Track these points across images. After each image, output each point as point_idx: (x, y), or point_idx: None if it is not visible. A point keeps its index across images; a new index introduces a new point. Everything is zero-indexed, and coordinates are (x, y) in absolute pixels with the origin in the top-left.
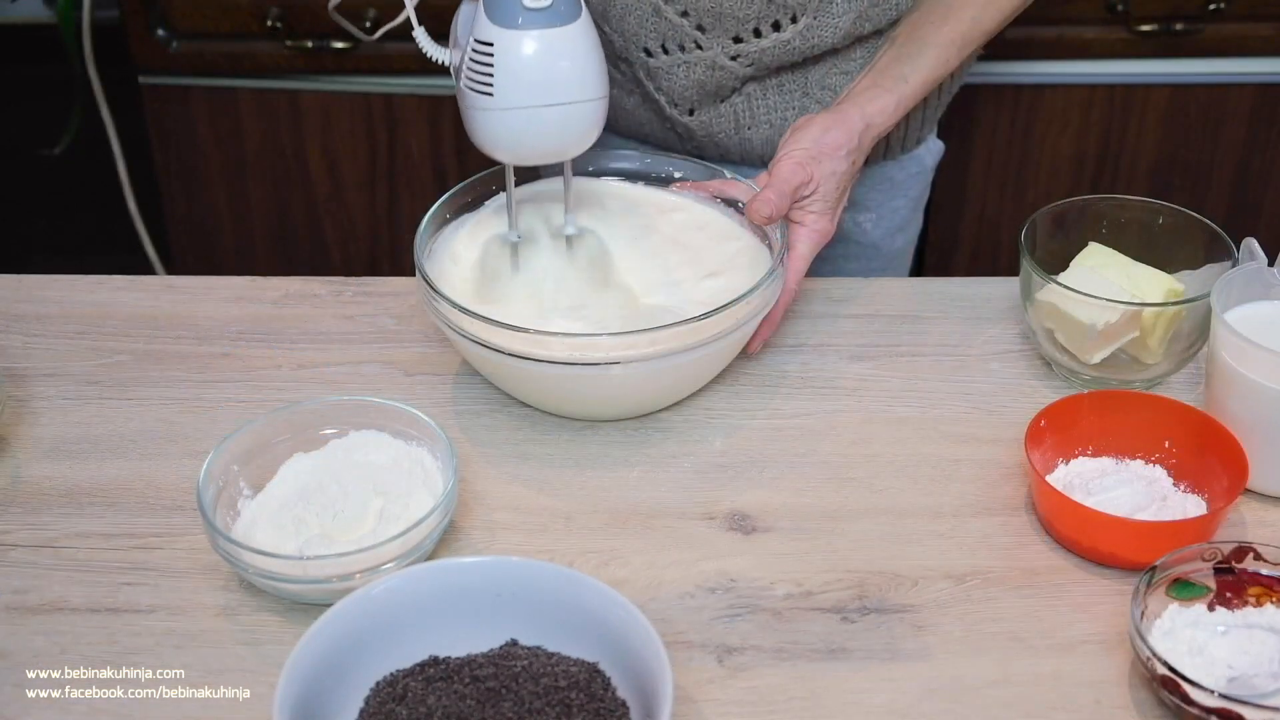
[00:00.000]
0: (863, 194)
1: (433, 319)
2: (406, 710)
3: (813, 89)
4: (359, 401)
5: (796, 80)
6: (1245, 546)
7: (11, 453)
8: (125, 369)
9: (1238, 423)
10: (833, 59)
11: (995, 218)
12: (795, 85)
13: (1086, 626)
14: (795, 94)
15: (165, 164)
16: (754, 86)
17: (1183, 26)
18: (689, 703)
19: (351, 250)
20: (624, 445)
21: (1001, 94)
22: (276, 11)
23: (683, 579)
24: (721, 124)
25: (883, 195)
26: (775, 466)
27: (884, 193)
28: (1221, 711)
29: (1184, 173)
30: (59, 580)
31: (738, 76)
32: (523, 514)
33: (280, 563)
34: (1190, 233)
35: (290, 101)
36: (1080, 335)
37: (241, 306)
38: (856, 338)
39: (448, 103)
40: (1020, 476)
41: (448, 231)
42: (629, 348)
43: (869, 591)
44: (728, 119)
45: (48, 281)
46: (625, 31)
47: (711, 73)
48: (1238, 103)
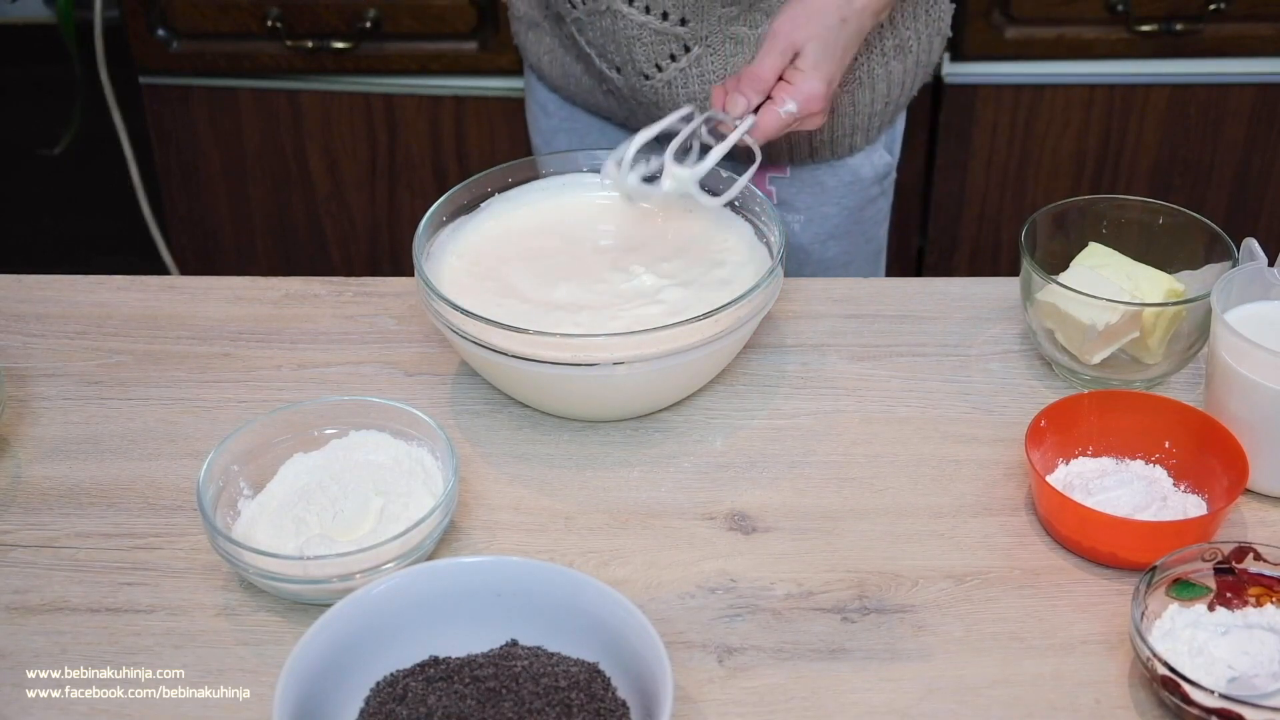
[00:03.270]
0: (792, 194)
1: (432, 319)
2: (406, 710)
3: None
4: (359, 401)
5: (717, 70)
6: (1245, 546)
7: (11, 453)
8: (125, 369)
9: (1238, 423)
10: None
11: (995, 218)
12: (715, 75)
13: (1086, 626)
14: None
15: (165, 164)
16: (675, 73)
17: (1183, 26)
18: (689, 703)
19: (351, 250)
20: (624, 445)
21: (1001, 94)
22: (276, 11)
23: (683, 579)
24: (645, 98)
25: (812, 199)
26: (775, 466)
27: (813, 196)
28: (1222, 712)
29: (1184, 173)
30: (59, 580)
31: (637, 25)
32: (523, 514)
33: (280, 563)
34: (1190, 233)
35: (290, 101)
36: (1080, 335)
37: (241, 306)
38: (856, 338)
39: (447, 103)
40: (1020, 476)
41: (447, 231)
42: (629, 348)
43: (869, 591)
44: (648, 96)
45: (48, 281)
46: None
47: (615, 20)
48: (1238, 103)
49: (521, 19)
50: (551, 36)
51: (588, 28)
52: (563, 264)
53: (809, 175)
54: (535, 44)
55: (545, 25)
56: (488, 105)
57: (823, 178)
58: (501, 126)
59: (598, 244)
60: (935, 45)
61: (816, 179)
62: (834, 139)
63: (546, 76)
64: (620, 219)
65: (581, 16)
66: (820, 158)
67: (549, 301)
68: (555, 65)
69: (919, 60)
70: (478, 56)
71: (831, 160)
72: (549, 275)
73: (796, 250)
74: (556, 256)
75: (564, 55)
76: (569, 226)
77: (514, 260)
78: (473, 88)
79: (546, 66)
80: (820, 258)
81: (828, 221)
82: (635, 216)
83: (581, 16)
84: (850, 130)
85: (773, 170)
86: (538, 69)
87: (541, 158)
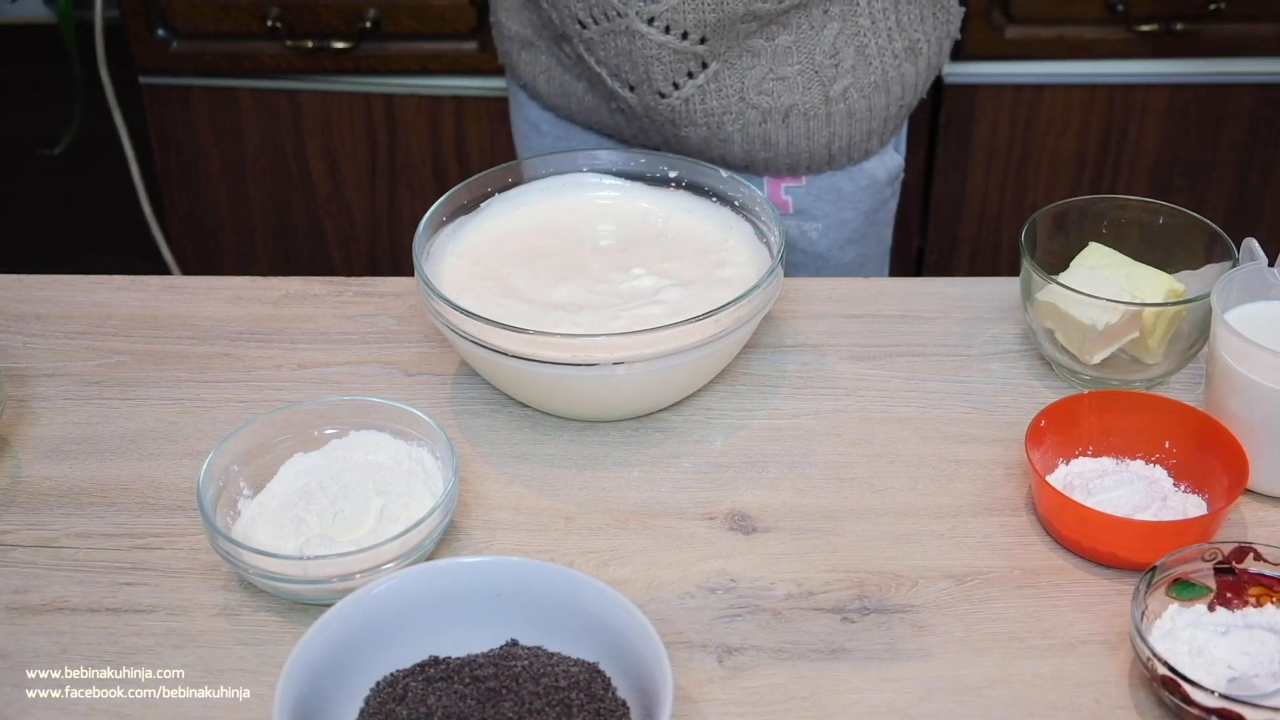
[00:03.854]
0: (809, 203)
1: (432, 319)
2: (406, 710)
3: (749, 94)
4: (359, 401)
5: (733, 84)
6: (1245, 546)
7: (11, 453)
8: (125, 369)
9: (1238, 423)
10: (769, 63)
11: (995, 218)
12: (732, 89)
13: (1086, 626)
14: (732, 98)
15: (165, 164)
16: (692, 90)
17: (1183, 26)
18: (689, 703)
19: (351, 250)
20: (624, 445)
21: (1001, 94)
22: (276, 11)
23: (683, 579)
24: (659, 117)
25: (830, 206)
26: (775, 466)
27: (831, 203)
28: (1222, 712)
29: (1184, 173)
30: (59, 580)
31: (656, 44)
32: (523, 514)
33: (280, 563)
34: (1190, 233)
35: (290, 101)
36: (1080, 335)
37: (241, 306)
38: (856, 338)
39: (447, 103)
40: (1020, 476)
41: (447, 231)
42: (629, 348)
43: (869, 591)
44: (664, 115)
45: (48, 281)
46: (558, 5)
47: (633, 40)
48: (1238, 103)
49: (513, 38)
50: (548, 55)
51: (599, 47)
52: (563, 264)
53: (825, 182)
54: (530, 63)
55: (541, 45)
56: (488, 105)
57: (839, 184)
58: (501, 126)
59: (598, 244)
60: (944, 47)
61: (834, 185)
62: (851, 145)
63: (542, 95)
64: (620, 219)
65: (594, 36)
66: (837, 165)
67: (549, 301)
68: (553, 84)
69: (929, 62)
70: (478, 56)
71: (848, 166)
72: (549, 275)
73: (815, 258)
74: (556, 256)
75: (563, 75)
76: (569, 226)
77: (514, 260)
78: (473, 88)
79: (543, 86)
80: (839, 263)
81: (845, 227)
82: (635, 216)
83: (594, 36)
84: (866, 135)
85: (788, 180)
86: (531, 88)
87: (541, 158)
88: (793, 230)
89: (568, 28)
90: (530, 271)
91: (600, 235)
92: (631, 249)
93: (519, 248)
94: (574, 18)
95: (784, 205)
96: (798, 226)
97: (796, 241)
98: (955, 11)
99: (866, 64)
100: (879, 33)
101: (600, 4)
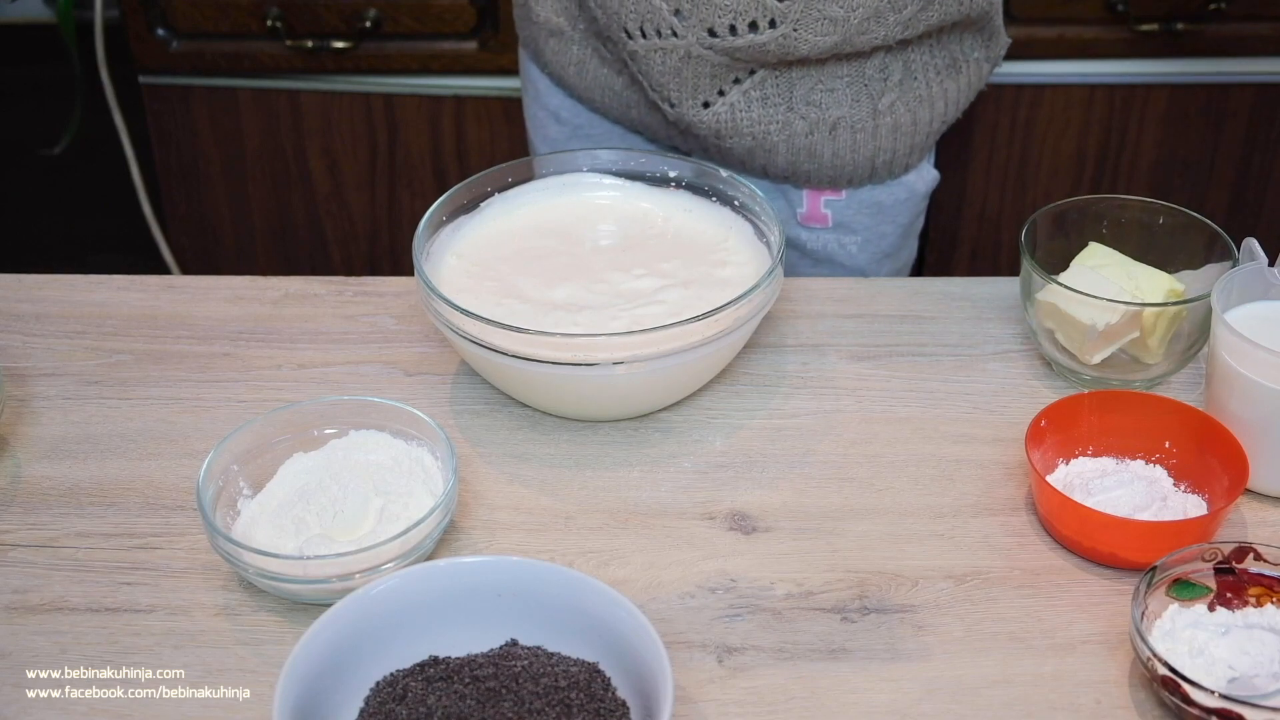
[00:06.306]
0: (849, 216)
1: (432, 319)
2: (406, 710)
3: (797, 104)
4: (359, 401)
5: (781, 94)
6: (1245, 546)
7: (11, 453)
8: (125, 369)
9: (1238, 423)
10: (818, 74)
11: (995, 218)
12: (780, 99)
13: (1086, 626)
14: (780, 108)
15: (165, 164)
16: (738, 96)
17: (1183, 26)
18: (689, 703)
19: (351, 250)
20: (624, 445)
21: (1001, 94)
22: (276, 11)
23: (683, 579)
24: (703, 129)
25: (870, 219)
26: (775, 466)
27: (871, 217)
28: (1222, 712)
29: (1184, 172)
30: (59, 580)
31: (713, 66)
32: (523, 514)
33: (280, 563)
34: (1190, 233)
35: (290, 101)
36: (1080, 335)
37: (241, 306)
38: (856, 338)
39: (448, 103)
40: (1020, 476)
41: (447, 231)
42: (629, 348)
43: (869, 591)
44: (709, 125)
45: (48, 281)
46: (607, 8)
47: (687, 62)
48: (1238, 103)
49: (541, 25)
50: (582, 48)
51: (643, 60)
52: (563, 264)
53: (866, 196)
54: (559, 53)
55: (575, 36)
56: (488, 105)
57: (880, 197)
58: (501, 126)
59: (598, 244)
60: (984, 70)
61: (874, 199)
62: (894, 159)
63: (570, 86)
64: (620, 219)
65: (639, 50)
66: (879, 179)
67: (549, 301)
68: (585, 76)
69: (969, 81)
70: (478, 56)
71: (889, 180)
72: (549, 275)
73: (854, 271)
74: (556, 256)
75: (600, 68)
76: (569, 226)
77: (514, 260)
78: (473, 88)
79: (572, 77)
80: (875, 276)
81: (884, 240)
82: (635, 216)
83: (639, 50)
84: (909, 149)
85: (828, 193)
86: (557, 76)
87: (541, 158)
88: (832, 244)
89: (614, 34)
90: (530, 271)
91: (600, 235)
92: (631, 249)
93: (519, 248)
94: (621, 26)
95: (823, 219)
96: (837, 240)
97: (835, 255)
98: (1002, 41)
99: (912, 78)
100: (922, 49)
101: (654, 19)
